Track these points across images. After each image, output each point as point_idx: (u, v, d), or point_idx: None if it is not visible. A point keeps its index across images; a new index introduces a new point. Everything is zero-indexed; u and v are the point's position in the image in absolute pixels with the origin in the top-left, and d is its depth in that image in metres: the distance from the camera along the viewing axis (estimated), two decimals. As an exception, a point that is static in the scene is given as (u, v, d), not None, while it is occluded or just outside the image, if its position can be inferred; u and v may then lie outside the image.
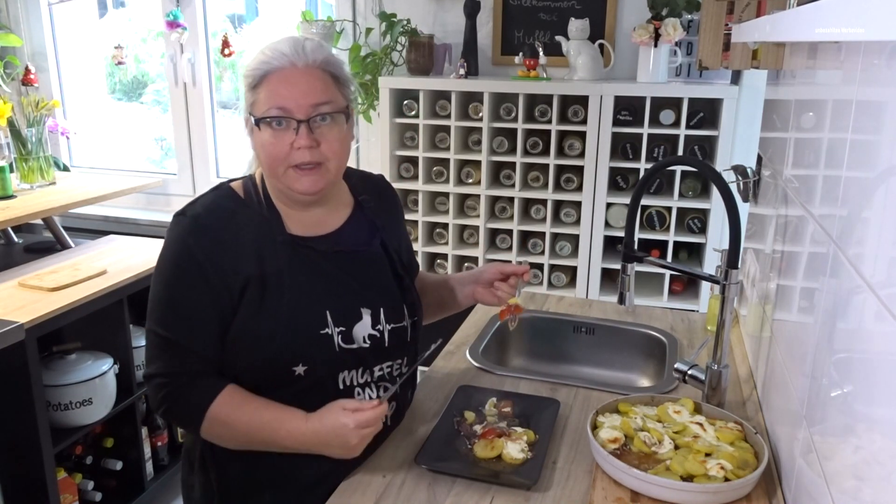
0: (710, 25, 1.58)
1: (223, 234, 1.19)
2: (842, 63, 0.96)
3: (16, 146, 2.92)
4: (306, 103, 1.15)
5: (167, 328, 1.18)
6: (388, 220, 1.36)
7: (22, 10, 3.49)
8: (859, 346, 0.80)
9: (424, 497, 1.15)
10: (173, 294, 1.19)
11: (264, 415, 1.17)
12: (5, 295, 2.10)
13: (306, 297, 1.20)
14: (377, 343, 1.25)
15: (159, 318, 1.19)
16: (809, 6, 0.72)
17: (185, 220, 1.19)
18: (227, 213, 1.21)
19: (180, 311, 1.18)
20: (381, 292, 1.28)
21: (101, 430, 2.40)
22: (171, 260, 1.19)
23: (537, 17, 2.81)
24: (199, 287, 1.17)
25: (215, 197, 1.24)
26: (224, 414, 1.17)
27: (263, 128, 1.16)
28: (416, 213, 2.80)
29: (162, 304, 1.19)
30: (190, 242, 1.17)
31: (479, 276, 1.47)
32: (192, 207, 1.22)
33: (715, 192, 2.43)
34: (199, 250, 1.17)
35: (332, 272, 1.24)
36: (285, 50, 1.16)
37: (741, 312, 1.85)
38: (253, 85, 1.17)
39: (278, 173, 1.18)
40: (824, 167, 1.03)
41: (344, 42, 2.97)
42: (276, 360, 1.18)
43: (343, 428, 1.13)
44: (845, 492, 0.80)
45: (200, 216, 1.20)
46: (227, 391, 1.18)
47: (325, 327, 1.20)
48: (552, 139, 2.57)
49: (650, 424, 1.26)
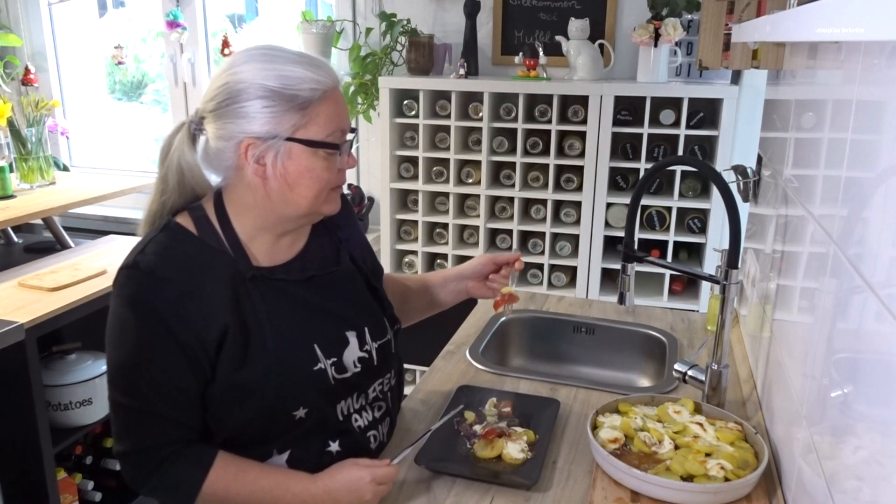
0: (710, 25, 1.58)
1: (187, 285, 1.04)
2: (842, 63, 0.96)
3: (16, 146, 2.92)
4: (350, 124, 1.11)
5: (136, 398, 1.04)
6: (348, 229, 1.28)
7: (22, 10, 3.49)
8: (859, 346, 0.80)
9: (424, 497, 1.15)
10: (139, 360, 1.04)
11: (265, 483, 1.07)
12: (5, 295, 2.10)
13: (291, 334, 1.10)
14: (367, 364, 1.18)
15: (126, 388, 1.04)
16: (809, 6, 0.72)
17: (140, 276, 1.04)
18: (185, 258, 1.06)
19: (151, 378, 1.03)
20: (362, 311, 1.21)
21: (101, 430, 2.40)
22: (133, 322, 1.03)
23: (537, 17, 2.81)
24: (169, 349, 1.03)
25: (167, 240, 1.08)
26: (221, 489, 1.05)
27: (318, 152, 1.06)
28: (416, 213, 2.80)
29: (127, 372, 1.04)
30: (151, 300, 1.03)
31: (469, 271, 1.44)
32: (143, 257, 1.05)
33: (715, 192, 2.43)
34: (163, 308, 1.02)
35: (310, 301, 1.14)
36: (328, 68, 1.07)
37: (741, 312, 1.85)
38: (306, 105, 1.04)
39: (320, 199, 1.09)
40: (824, 167, 1.03)
41: (344, 42, 2.97)
42: (273, 409, 1.08)
43: (359, 481, 1.06)
44: (845, 492, 0.80)
45: (157, 268, 1.04)
46: (219, 462, 1.06)
47: (316, 363, 1.11)
48: (552, 139, 2.57)
49: (650, 424, 1.26)
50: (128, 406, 1.05)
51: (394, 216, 2.83)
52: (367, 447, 1.20)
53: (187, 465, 1.06)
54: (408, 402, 1.44)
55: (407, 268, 2.87)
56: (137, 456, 1.06)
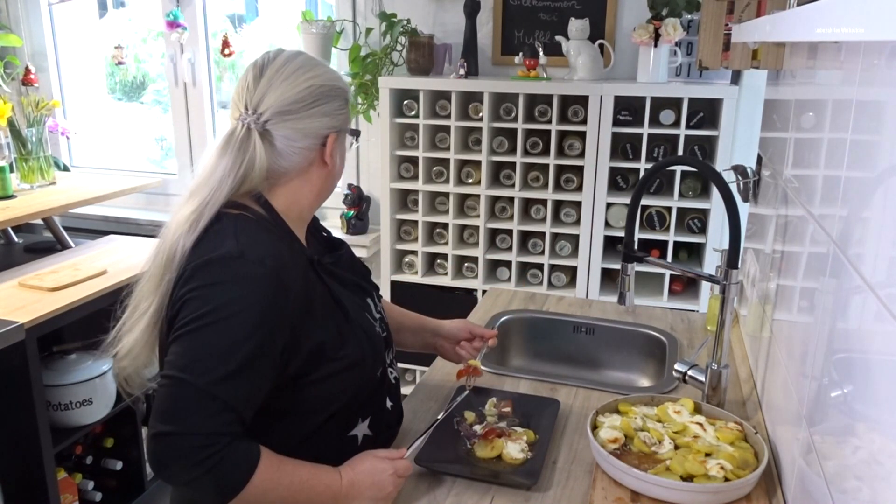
0: (710, 25, 1.58)
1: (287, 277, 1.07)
2: (842, 63, 0.96)
3: (16, 146, 2.92)
4: None
5: (222, 387, 1.00)
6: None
7: (22, 10, 3.49)
8: (859, 346, 0.80)
9: (424, 497, 1.16)
10: (250, 353, 1.02)
11: (302, 473, 1.08)
12: (5, 295, 2.10)
13: (352, 303, 1.20)
14: (382, 325, 1.29)
15: (215, 378, 0.99)
16: (809, 6, 0.72)
17: (260, 270, 1.04)
18: (279, 251, 1.09)
19: (251, 371, 1.02)
20: (368, 282, 1.33)
21: (101, 430, 2.40)
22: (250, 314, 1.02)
23: (537, 17, 2.81)
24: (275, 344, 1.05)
25: (256, 231, 1.09)
26: (267, 479, 1.03)
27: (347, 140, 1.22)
28: (416, 213, 2.80)
29: (226, 361, 1.00)
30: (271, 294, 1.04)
31: (444, 331, 1.48)
32: (252, 250, 1.05)
33: (715, 192, 2.43)
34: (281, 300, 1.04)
35: (345, 277, 1.24)
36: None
37: (741, 312, 1.85)
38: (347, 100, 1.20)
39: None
40: (824, 167, 1.03)
41: (344, 42, 2.98)
42: (370, 375, 1.20)
43: (382, 473, 1.12)
44: (845, 492, 0.80)
45: (273, 263, 1.05)
46: (264, 460, 1.04)
47: (374, 326, 1.24)
48: (552, 139, 2.57)
49: (650, 424, 1.26)
50: (210, 394, 0.99)
51: (394, 216, 2.83)
52: (399, 396, 1.33)
53: (242, 453, 1.02)
54: (408, 402, 1.44)
55: (407, 268, 2.87)
56: (201, 440, 0.98)
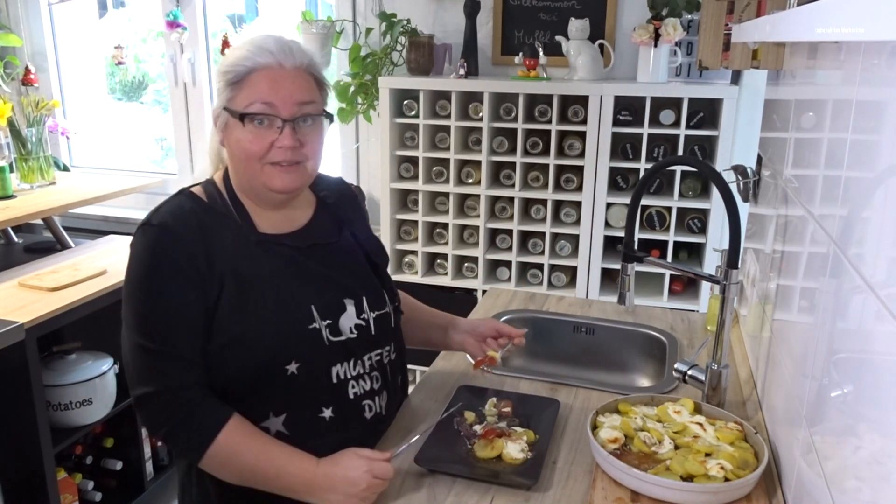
0: (710, 25, 1.58)
1: (193, 236, 1.15)
2: (842, 63, 0.96)
3: (16, 146, 2.92)
4: (292, 102, 1.15)
5: (153, 339, 1.12)
6: (353, 215, 1.36)
7: (22, 10, 3.49)
8: (859, 346, 0.80)
9: (424, 497, 1.15)
10: (156, 302, 1.13)
11: (273, 449, 1.13)
12: (5, 295, 2.10)
13: (289, 293, 1.19)
14: (364, 332, 1.25)
15: (143, 331, 1.13)
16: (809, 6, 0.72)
17: (153, 230, 1.15)
18: (194, 218, 1.17)
19: (166, 318, 1.13)
20: (361, 281, 1.28)
21: (101, 430, 2.40)
22: (147, 269, 1.14)
23: (537, 17, 2.81)
24: (182, 289, 1.13)
25: (178, 203, 1.20)
26: (233, 443, 1.11)
27: (245, 124, 1.14)
28: (416, 213, 2.80)
29: (144, 316, 1.14)
30: (163, 247, 1.14)
31: (474, 328, 1.47)
32: (156, 215, 1.17)
33: (715, 192, 2.43)
34: (173, 252, 1.13)
35: (310, 267, 1.23)
36: (272, 48, 1.15)
37: (741, 312, 1.85)
38: (234, 80, 1.15)
39: (254, 170, 1.17)
40: (824, 167, 1.03)
41: (344, 42, 2.97)
42: (268, 361, 1.16)
43: (356, 470, 1.10)
44: (845, 492, 0.80)
45: (168, 224, 1.15)
46: (235, 419, 1.13)
47: (312, 322, 1.19)
48: (552, 139, 2.57)
49: (650, 424, 1.26)
50: (149, 349, 1.13)
51: (394, 216, 2.82)
52: (360, 415, 1.25)
53: (204, 416, 1.12)
54: (408, 402, 1.44)
55: (407, 268, 2.87)
56: (158, 397, 1.12)
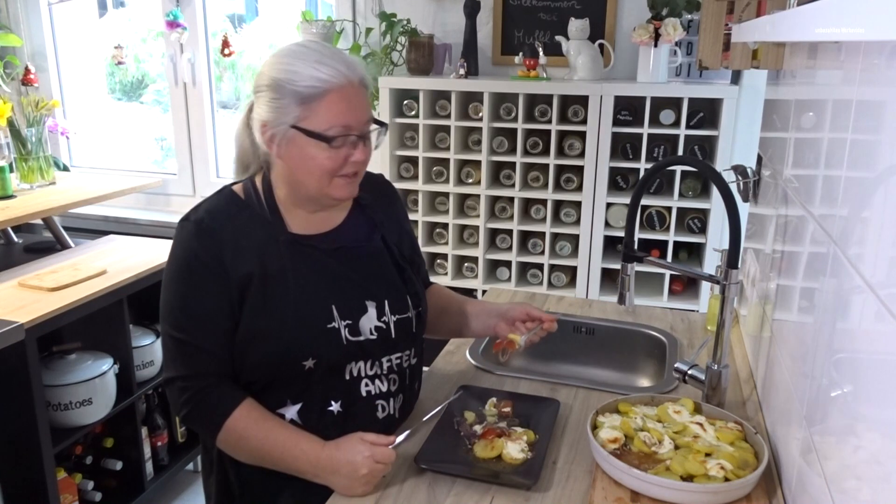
0: (710, 25, 1.58)
1: (225, 235, 1.22)
2: (842, 63, 0.96)
3: (16, 146, 2.92)
4: (363, 120, 1.21)
5: (181, 330, 1.22)
6: (387, 216, 1.39)
7: (22, 10, 3.49)
8: (859, 346, 0.80)
9: (424, 497, 1.16)
10: (185, 296, 1.23)
11: (281, 433, 1.21)
12: (5, 295, 2.10)
13: (311, 292, 1.23)
14: (384, 334, 1.28)
15: (173, 322, 1.23)
16: (809, 6, 0.72)
17: (189, 226, 1.24)
18: (228, 216, 1.25)
19: (192, 312, 1.22)
20: (384, 285, 1.31)
21: (101, 430, 2.39)
22: (179, 264, 1.23)
23: (537, 17, 2.81)
24: (208, 287, 1.21)
25: (217, 200, 1.28)
26: (242, 426, 1.21)
27: (320, 142, 1.17)
28: (416, 213, 2.80)
29: (174, 308, 1.23)
30: (195, 245, 1.22)
31: (505, 312, 1.46)
32: (195, 212, 1.26)
33: (715, 192, 2.43)
34: (203, 252, 1.21)
35: (334, 268, 1.27)
36: (341, 67, 1.17)
37: (741, 312, 1.85)
38: (307, 100, 1.16)
39: (324, 183, 1.21)
40: (824, 167, 1.03)
41: (344, 42, 2.97)
42: (285, 355, 1.21)
43: (358, 454, 1.15)
44: (845, 492, 0.80)
45: (203, 220, 1.23)
46: (246, 403, 1.22)
47: (331, 321, 1.23)
48: (552, 139, 2.57)
49: (650, 424, 1.26)
50: (174, 337, 1.23)
51: (394, 216, 2.82)
52: (371, 414, 1.29)
53: (220, 397, 1.22)
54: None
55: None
56: (182, 381, 1.23)
